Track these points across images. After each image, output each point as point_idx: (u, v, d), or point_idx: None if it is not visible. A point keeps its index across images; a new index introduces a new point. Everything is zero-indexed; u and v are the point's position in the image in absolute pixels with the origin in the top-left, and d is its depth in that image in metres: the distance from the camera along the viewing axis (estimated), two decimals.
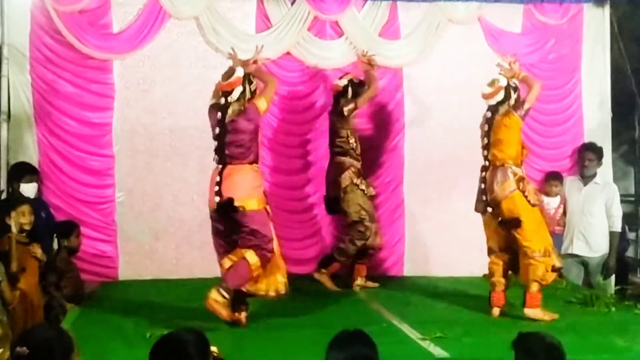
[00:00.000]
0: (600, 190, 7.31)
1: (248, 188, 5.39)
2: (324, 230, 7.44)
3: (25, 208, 5.62)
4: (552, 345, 3.11)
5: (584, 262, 7.31)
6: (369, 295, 6.59)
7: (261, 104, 5.51)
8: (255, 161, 5.53)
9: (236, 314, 5.42)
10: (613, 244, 7.25)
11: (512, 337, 3.27)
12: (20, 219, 5.53)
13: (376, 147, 7.52)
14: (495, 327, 5.42)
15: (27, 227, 5.59)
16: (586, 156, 7.37)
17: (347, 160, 6.77)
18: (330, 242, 7.28)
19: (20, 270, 5.40)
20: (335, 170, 6.81)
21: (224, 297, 5.20)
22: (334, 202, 6.83)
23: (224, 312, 5.20)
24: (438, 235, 7.52)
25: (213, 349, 2.89)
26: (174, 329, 3.13)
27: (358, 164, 6.82)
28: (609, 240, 7.23)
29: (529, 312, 5.70)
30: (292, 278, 7.10)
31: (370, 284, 6.92)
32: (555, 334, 3.34)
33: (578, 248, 7.28)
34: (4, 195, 6.63)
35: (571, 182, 7.46)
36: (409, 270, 7.57)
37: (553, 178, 7.53)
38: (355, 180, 6.70)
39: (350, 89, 6.80)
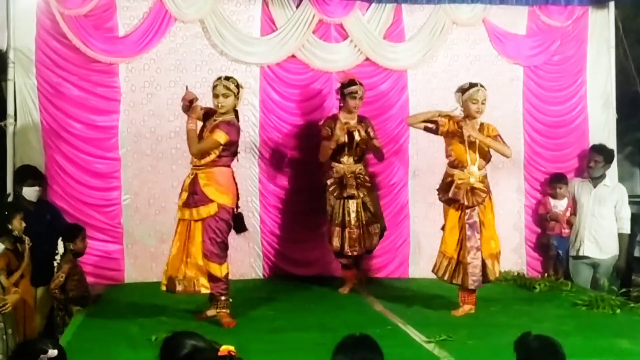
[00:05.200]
0: (610, 192, 7.33)
1: None
2: None
3: (17, 217, 5.78)
4: (552, 347, 3.11)
5: (594, 264, 7.33)
6: (373, 298, 6.60)
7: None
8: None
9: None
10: (622, 246, 7.28)
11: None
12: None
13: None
14: (499, 329, 5.41)
15: (16, 234, 5.76)
16: (592, 157, 7.39)
17: (332, 163, 6.79)
18: None
19: (20, 277, 5.59)
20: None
21: None
22: None
23: None
24: None
25: (230, 348, 2.89)
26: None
27: (341, 167, 6.77)
28: (618, 242, 7.25)
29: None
30: (297, 280, 7.18)
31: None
32: (561, 336, 3.34)
33: (589, 250, 7.29)
34: (10, 198, 6.66)
35: (580, 184, 7.46)
36: (413, 272, 7.58)
37: (557, 180, 7.53)
38: (328, 184, 6.74)
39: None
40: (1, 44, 6.87)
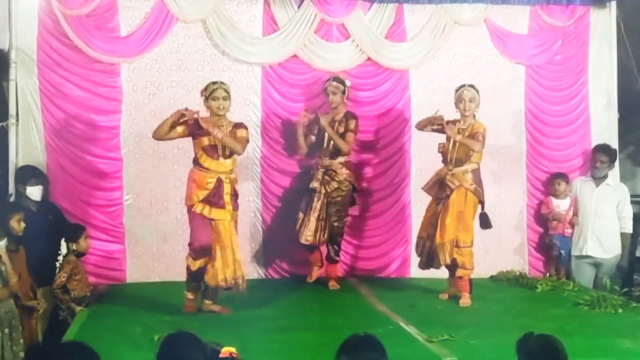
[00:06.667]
0: (613, 191, 7.33)
1: None
2: None
3: (18, 216, 5.76)
4: (554, 347, 3.11)
5: (596, 264, 7.33)
6: (375, 298, 6.60)
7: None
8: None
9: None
10: (625, 245, 7.29)
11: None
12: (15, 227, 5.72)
13: (383, 148, 7.55)
14: (501, 329, 5.41)
15: (17, 234, 5.73)
16: (598, 157, 7.38)
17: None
18: None
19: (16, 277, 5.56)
20: None
21: None
22: None
23: None
24: None
25: (232, 349, 2.90)
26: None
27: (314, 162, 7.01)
28: (620, 242, 7.25)
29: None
30: (299, 280, 7.18)
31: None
32: (563, 335, 3.35)
33: (592, 249, 7.29)
34: (12, 198, 6.67)
35: (583, 184, 7.45)
36: (415, 272, 7.56)
37: (556, 178, 7.53)
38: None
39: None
40: (3, 44, 6.89)
